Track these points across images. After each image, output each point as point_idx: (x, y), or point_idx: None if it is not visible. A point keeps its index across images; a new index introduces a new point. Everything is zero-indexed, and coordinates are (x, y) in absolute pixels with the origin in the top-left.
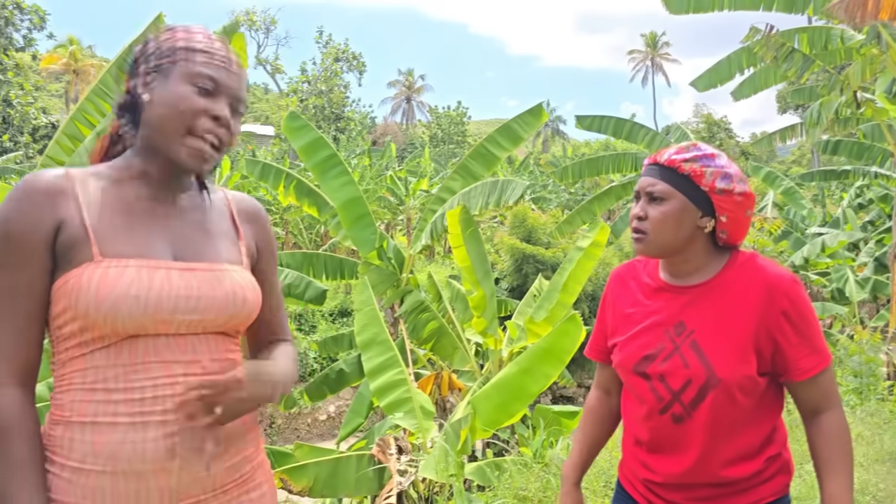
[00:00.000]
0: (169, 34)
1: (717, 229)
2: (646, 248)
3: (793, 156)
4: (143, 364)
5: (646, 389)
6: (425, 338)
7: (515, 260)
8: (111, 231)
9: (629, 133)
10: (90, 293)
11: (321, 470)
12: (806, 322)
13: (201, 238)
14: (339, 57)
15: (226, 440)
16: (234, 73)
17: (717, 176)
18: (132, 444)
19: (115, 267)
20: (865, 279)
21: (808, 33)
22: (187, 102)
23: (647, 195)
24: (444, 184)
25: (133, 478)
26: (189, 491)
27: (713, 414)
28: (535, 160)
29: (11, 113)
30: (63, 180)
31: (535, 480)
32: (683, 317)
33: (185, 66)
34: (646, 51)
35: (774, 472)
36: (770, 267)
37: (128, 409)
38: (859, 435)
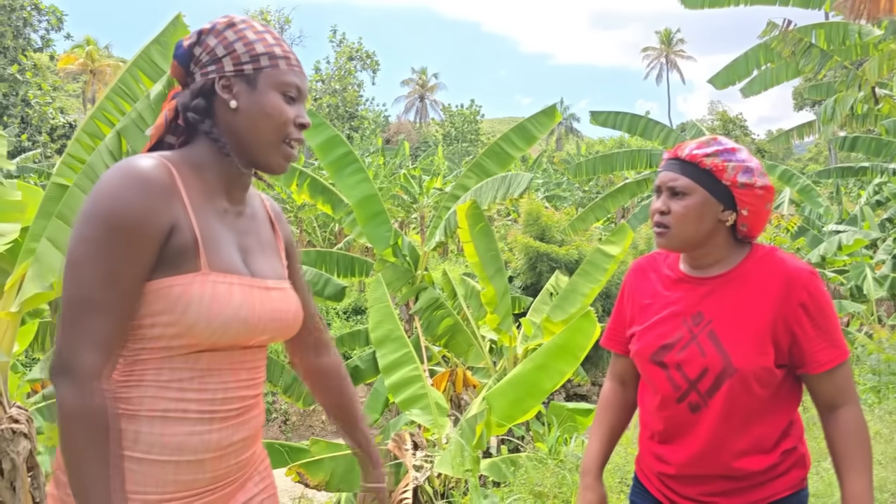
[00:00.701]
0: (235, 32)
1: (737, 222)
2: (668, 242)
3: (809, 153)
4: (218, 370)
5: (663, 378)
6: (440, 335)
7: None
8: (212, 241)
9: (644, 129)
10: (202, 308)
11: (337, 465)
12: (824, 315)
13: (259, 250)
14: (353, 56)
15: (254, 430)
16: (304, 70)
17: (739, 170)
18: (199, 435)
19: (223, 283)
20: (884, 277)
21: (826, 29)
22: (283, 115)
23: (668, 190)
24: (458, 181)
25: (194, 465)
26: (231, 474)
27: (729, 403)
28: (548, 158)
29: (30, 113)
30: (169, 174)
31: (551, 476)
32: (702, 307)
33: (273, 75)
34: (660, 48)
35: (790, 467)
36: (789, 260)
37: (198, 407)
38: (877, 433)
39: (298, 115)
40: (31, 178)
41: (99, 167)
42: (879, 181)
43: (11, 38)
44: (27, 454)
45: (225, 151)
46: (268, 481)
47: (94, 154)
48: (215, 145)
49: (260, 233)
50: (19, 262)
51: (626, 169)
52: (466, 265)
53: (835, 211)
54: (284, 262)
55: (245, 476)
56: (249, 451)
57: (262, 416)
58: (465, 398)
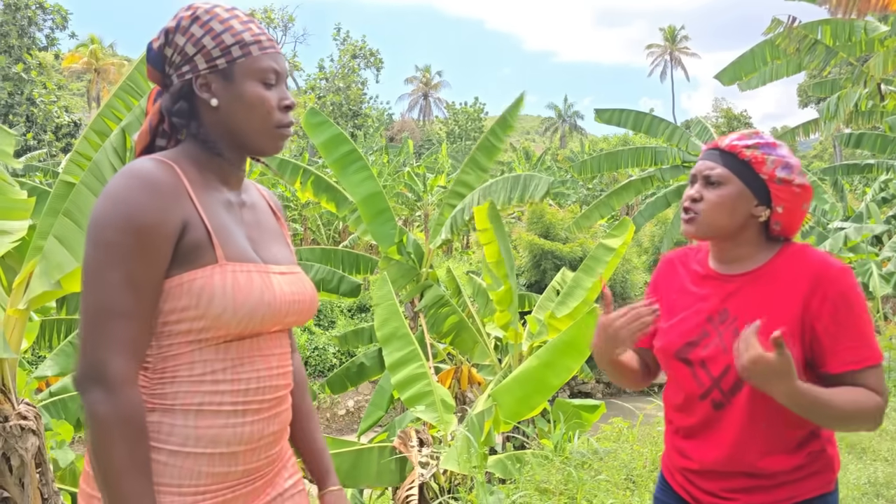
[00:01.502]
0: (201, 26)
1: (770, 220)
2: (696, 228)
3: (814, 150)
4: (249, 358)
5: (687, 375)
6: (445, 332)
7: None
8: (224, 233)
9: (649, 126)
10: (226, 297)
11: (343, 461)
12: (853, 313)
13: (267, 238)
14: (357, 54)
15: (284, 424)
16: (279, 48)
17: (778, 165)
18: (233, 427)
19: (242, 272)
20: (890, 273)
21: (832, 25)
22: (266, 103)
23: (703, 178)
24: (457, 177)
25: (228, 458)
26: (262, 468)
27: (752, 401)
28: (552, 156)
29: (35, 111)
30: (175, 174)
31: (556, 473)
32: (728, 305)
33: (248, 64)
34: (664, 45)
35: (817, 469)
36: (822, 256)
37: (232, 399)
38: (884, 430)
39: (281, 97)
40: (38, 177)
41: (104, 165)
42: (885, 178)
43: (16, 36)
44: (35, 451)
45: (216, 151)
46: (297, 477)
47: (100, 152)
48: (205, 146)
49: (264, 221)
50: (27, 260)
51: (630, 166)
52: (470, 263)
53: (839, 208)
54: (292, 248)
55: (274, 471)
56: (279, 445)
57: (290, 411)
58: (470, 395)
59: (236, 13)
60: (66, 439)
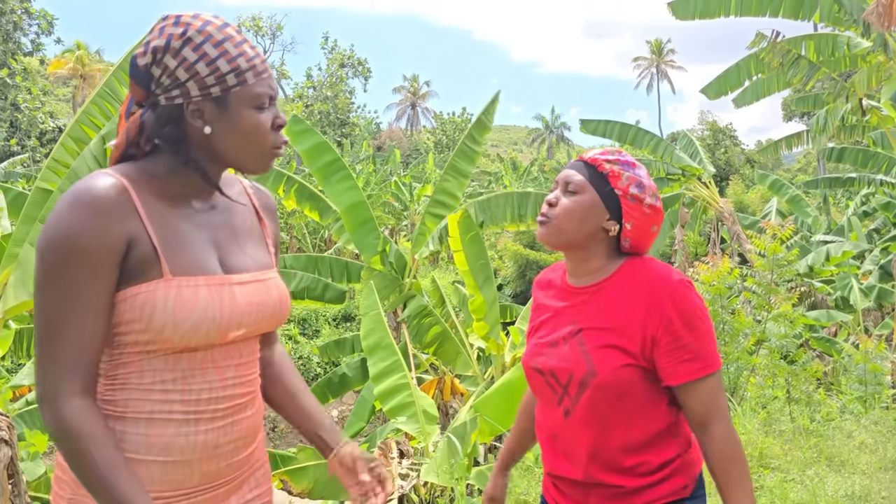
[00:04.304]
0: (194, 49)
1: (621, 235)
2: (547, 232)
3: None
4: (201, 370)
5: (542, 384)
6: (428, 342)
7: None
8: (174, 246)
9: (634, 138)
10: (167, 313)
11: (322, 472)
12: (689, 326)
13: (239, 242)
14: (345, 62)
15: (249, 432)
16: (270, 70)
17: (632, 182)
18: (185, 436)
19: (187, 286)
20: (870, 287)
21: (815, 40)
22: (261, 130)
23: (563, 185)
24: (438, 185)
25: (182, 465)
26: (223, 475)
27: (592, 408)
28: (539, 166)
29: (19, 117)
30: (122, 192)
31: (537, 485)
32: (576, 316)
33: (244, 93)
34: (651, 58)
35: (671, 473)
36: (659, 269)
37: (183, 408)
38: (863, 443)
39: (275, 117)
40: (20, 184)
41: (83, 172)
42: (867, 192)
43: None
44: (7, 461)
45: (200, 171)
46: (263, 487)
47: (79, 159)
48: (186, 164)
49: (238, 223)
50: (2, 269)
51: None
52: (456, 273)
53: (823, 221)
54: (271, 250)
55: (241, 478)
56: (244, 452)
57: (257, 416)
58: (454, 406)
59: (229, 33)
60: (41, 450)
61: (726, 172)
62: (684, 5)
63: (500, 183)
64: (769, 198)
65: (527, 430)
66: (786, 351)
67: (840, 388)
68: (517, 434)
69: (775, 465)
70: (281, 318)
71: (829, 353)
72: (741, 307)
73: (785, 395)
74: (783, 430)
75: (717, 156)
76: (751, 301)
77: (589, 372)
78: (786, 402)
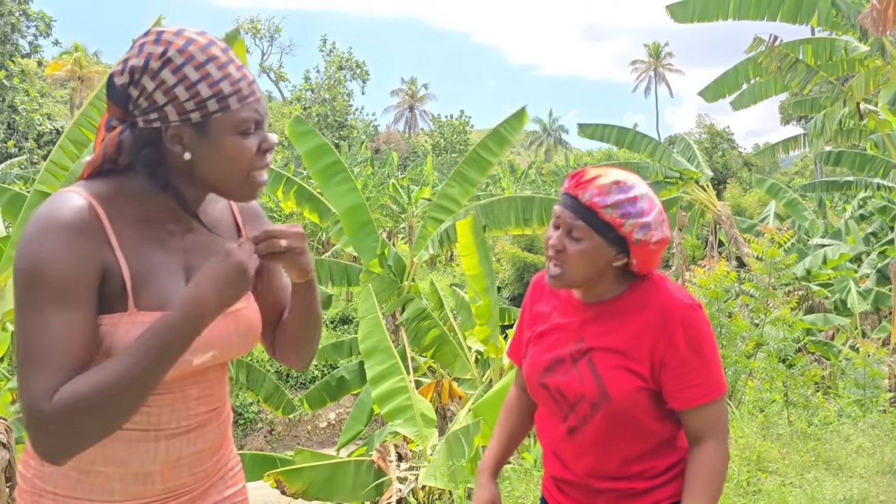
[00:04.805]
0: (173, 72)
1: (629, 263)
2: (561, 282)
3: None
4: (161, 395)
5: (547, 399)
6: (426, 345)
7: (517, 269)
8: (143, 277)
9: (632, 142)
10: (122, 350)
11: (317, 474)
12: (698, 352)
13: None
14: (343, 65)
15: (214, 441)
16: (258, 92)
17: (636, 227)
18: (144, 450)
19: (146, 324)
20: (868, 290)
21: (813, 44)
22: (245, 157)
23: (566, 229)
24: (441, 191)
25: (142, 477)
26: (187, 485)
27: (603, 429)
28: (537, 169)
29: (17, 119)
30: (91, 216)
31: (536, 488)
32: (585, 333)
33: (226, 119)
34: (649, 61)
35: (677, 475)
36: (671, 292)
37: (143, 425)
38: (860, 447)
39: (261, 141)
40: (17, 186)
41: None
42: (864, 195)
43: None
44: (5, 464)
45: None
46: (235, 489)
47: (77, 163)
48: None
49: (215, 245)
50: (1, 271)
51: None
52: (454, 276)
53: (820, 224)
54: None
55: (206, 485)
56: (208, 461)
57: (223, 426)
58: (452, 409)
59: (213, 53)
60: None
61: (724, 176)
62: (683, 8)
63: (497, 185)
64: (766, 201)
65: (516, 434)
66: (784, 354)
67: (838, 392)
68: (508, 437)
69: (773, 468)
70: (248, 347)
71: (827, 357)
72: (739, 311)
73: (783, 398)
74: (781, 433)
75: (714, 159)
76: (748, 304)
77: (601, 395)
78: (784, 406)
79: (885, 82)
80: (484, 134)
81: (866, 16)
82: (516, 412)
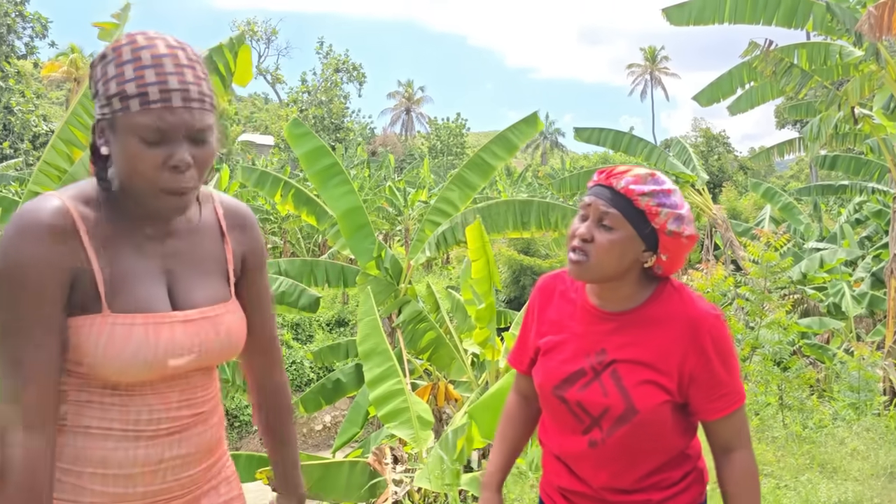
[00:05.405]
0: (103, 67)
1: (654, 263)
2: (584, 273)
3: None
4: (140, 395)
5: (564, 412)
6: (422, 348)
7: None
8: (118, 280)
9: (628, 146)
10: (97, 353)
11: (311, 472)
12: (725, 362)
13: (194, 273)
14: (340, 67)
15: (201, 447)
16: (181, 103)
17: (671, 217)
18: (124, 450)
19: (122, 324)
20: (862, 294)
21: (808, 49)
22: (140, 163)
23: (596, 217)
24: (441, 194)
25: (122, 479)
26: (172, 490)
27: (628, 442)
28: (533, 172)
29: (12, 120)
30: (67, 220)
31: (531, 490)
32: (606, 344)
33: (126, 120)
34: (645, 64)
35: (690, 483)
36: (696, 302)
37: (122, 426)
38: (855, 450)
39: (165, 157)
40: (13, 187)
41: (80, 176)
42: (860, 200)
43: None
44: None
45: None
46: (235, 493)
47: (77, 164)
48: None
49: (196, 251)
50: None
51: None
52: (450, 278)
53: (815, 228)
54: (231, 278)
55: (199, 492)
56: (195, 467)
57: (211, 432)
58: (448, 412)
59: (140, 54)
60: None
61: (719, 179)
62: (679, 11)
63: (493, 189)
64: (762, 205)
65: (519, 441)
66: (779, 358)
67: (832, 395)
68: (510, 448)
69: (768, 471)
70: (230, 353)
71: (822, 360)
72: (734, 314)
73: (778, 401)
74: (776, 436)
75: (710, 163)
76: (744, 308)
77: (629, 409)
78: (779, 409)
79: (880, 87)
80: (480, 136)
81: (863, 22)
82: (518, 421)
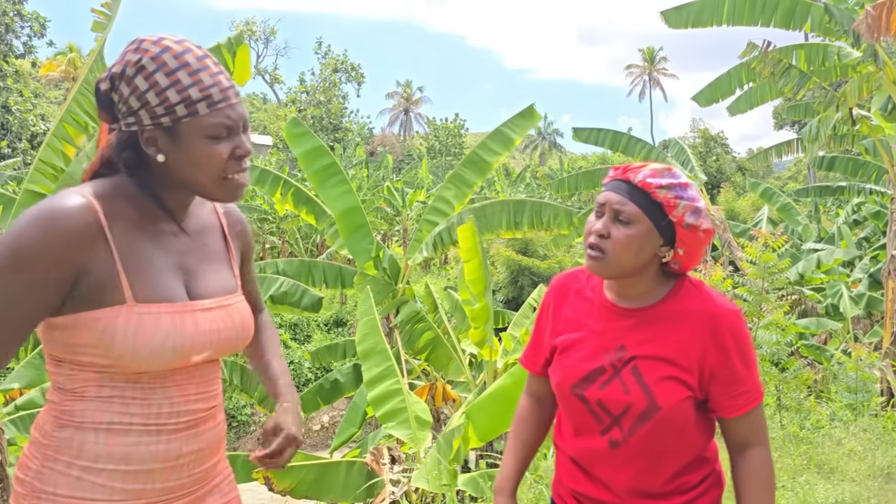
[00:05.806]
0: (145, 78)
1: (671, 259)
2: (602, 268)
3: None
4: (162, 387)
5: (584, 411)
6: (420, 348)
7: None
8: (140, 271)
9: (626, 146)
10: (127, 342)
11: (307, 473)
12: (745, 358)
13: (206, 266)
14: (338, 68)
15: (212, 443)
16: (236, 98)
17: (689, 210)
18: (146, 446)
19: (149, 314)
20: (860, 295)
21: (806, 50)
22: (214, 160)
23: (612, 212)
24: (438, 193)
25: (143, 475)
26: (186, 486)
27: (650, 440)
28: (531, 173)
29: (10, 119)
30: (91, 214)
31: (528, 491)
32: (625, 341)
33: (195, 124)
34: (643, 65)
35: (708, 487)
36: (715, 298)
37: (143, 420)
38: (852, 451)
39: (236, 146)
40: (11, 186)
41: (78, 175)
42: (858, 201)
43: None
44: None
45: (158, 200)
46: (229, 496)
47: (73, 163)
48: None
49: (205, 247)
50: None
51: None
52: (448, 278)
53: (813, 229)
54: (237, 272)
55: (204, 489)
56: (206, 463)
57: (219, 428)
58: (445, 412)
59: (186, 60)
60: None
61: (718, 180)
62: (677, 14)
63: (492, 189)
64: (760, 205)
65: (532, 444)
66: (777, 358)
67: (830, 396)
68: (523, 451)
69: None
70: (244, 341)
71: (820, 361)
72: None
73: (775, 402)
74: (773, 437)
75: (708, 163)
76: (742, 308)
77: (651, 406)
78: (776, 410)
79: (878, 88)
80: (479, 137)
81: (861, 22)
82: (532, 423)
